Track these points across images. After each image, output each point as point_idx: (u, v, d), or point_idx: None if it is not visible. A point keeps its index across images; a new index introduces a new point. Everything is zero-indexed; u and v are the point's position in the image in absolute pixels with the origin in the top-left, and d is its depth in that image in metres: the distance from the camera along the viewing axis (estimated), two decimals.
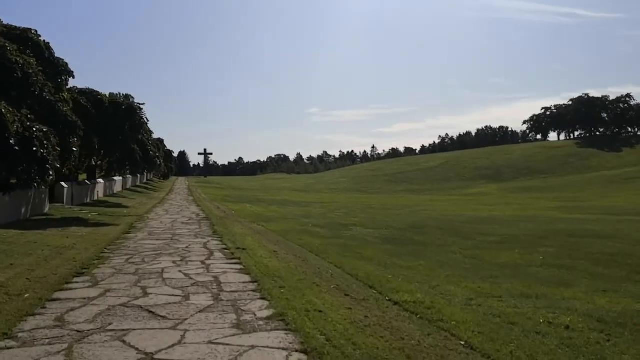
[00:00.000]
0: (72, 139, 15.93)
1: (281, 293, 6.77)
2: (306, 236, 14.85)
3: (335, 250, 11.88)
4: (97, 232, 14.89)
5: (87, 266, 9.06)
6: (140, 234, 14.63)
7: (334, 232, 16.33)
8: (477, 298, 7.00)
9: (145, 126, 21.20)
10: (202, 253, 10.84)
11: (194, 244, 12.36)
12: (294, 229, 16.92)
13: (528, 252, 12.75)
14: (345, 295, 6.84)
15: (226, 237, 13.81)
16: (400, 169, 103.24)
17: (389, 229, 18.09)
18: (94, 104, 19.27)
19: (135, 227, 16.91)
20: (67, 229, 15.35)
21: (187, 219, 20.22)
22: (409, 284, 7.82)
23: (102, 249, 11.33)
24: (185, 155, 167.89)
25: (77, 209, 22.27)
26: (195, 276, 8.13)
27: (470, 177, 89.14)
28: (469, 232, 17.20)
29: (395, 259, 10.93)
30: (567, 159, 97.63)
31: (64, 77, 16.92)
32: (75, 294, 6.85)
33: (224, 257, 10.31)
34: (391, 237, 15.44)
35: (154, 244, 12.30)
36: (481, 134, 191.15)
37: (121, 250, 11.25)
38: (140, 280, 7.74)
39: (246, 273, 8.38)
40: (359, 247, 12.70)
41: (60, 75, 16.53)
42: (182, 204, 31.76)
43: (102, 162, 28.44)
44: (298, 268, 8.97)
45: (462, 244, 14.04)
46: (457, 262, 10.85)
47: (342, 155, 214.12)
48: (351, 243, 13.59)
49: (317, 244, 13.00)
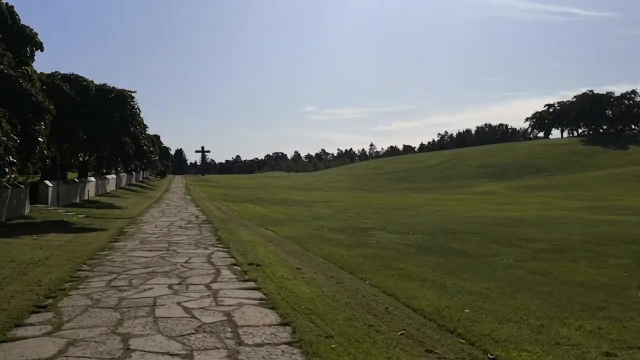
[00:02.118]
0: (39, 125, 13.24)
1: (332, 349, 4.50)
2: (327, 244, 12.56)
3: (371, 265, 9.59)
4: (79, 239, 12.57)
5: (53, 293, 6.77)
6: (130, 243, 12.33)
7: (356, 239, 14.04)
8: (620, 353, 4.74)
9: (137, 117, 18.79)
10: (206, 271, 8.55)
11: (195, 257, 10.06)
12: (309, 235, 14.65)
13: (598, 264, 10.60)
14: (427, 353, 4.56)
15: (233, 246, 11.52)
16: (401, 166, 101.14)
17: (416, 233, 15.85)
18: (78, 92, 16.79)
19: (125, 232, 14.60)
20: (44, 236, 13.02)
21: (185, 222, 17.94)
22: (501, 326, 5.55)
23: (80, 265, 9.03)
24: (182, 153, 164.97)
25: (62, 211, 19.93)
26: (200, 313, 5.83)
27: (474, 175, 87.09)
28: (508, 238, 15.01)
29: (450, 277, 8.66)
30: (572, 156, 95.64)
31: (29, 49, 14.12)
32: (18, 351, 4.55)
33: (235, 277, 8.01)
34: (424, 245, 13.19)
35: (146, 258, 10.00)
36: (481, 131, 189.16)
37: (104, 267, 8.94)
38: (123, 322, 5.44)
39: (270, 307, 6.09)
40: (396, 260, 10.42)
41: (24, 46, 13.75)
42: (179, 203, 29.52)
43: (90, 158, 25.99)
44: (337, 297, 6.68)
45: (513, 254, 11.82)
46: (529, 281, 8.59)
47: (340, 153, 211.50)
48: (383, 253, 11.30)
49: (344, 255, 10.71)
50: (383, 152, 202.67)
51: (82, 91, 16.65)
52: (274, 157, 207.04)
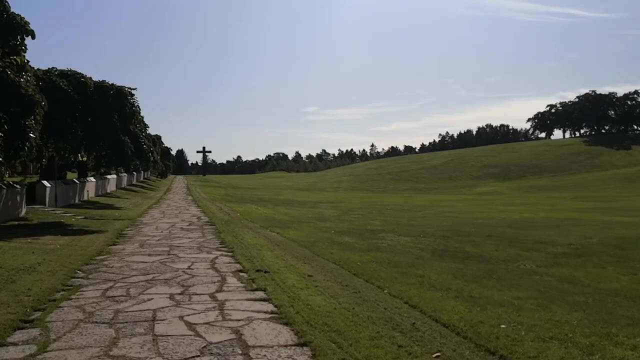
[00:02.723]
0: (29, 120, 12.42)
1: None
2: (336, 248, 11.91)
3: (387, 272, 8.93)
4: (75, 243, 11.91)
5: (42, 305, 6.13)
6: (129, 246, 11.68)
7: (366, 242, 13.38)
8: None
9: (137, 115, 18.04)
10: (210, 279, 7.89)
11: (197, 262, 9.41)
12: (317, 238, 13.99)
13: (628, 270, 9.98)
14: None
15: (238, 250, 10.87)
16: (403, 167, 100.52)
17: (427, 236, 15.20)
18: (76, 88, 16.06)
19: (124, 235, 13.94)
20: (39, 238, 12.37)
21: (187, 224, 17.28)
22: (546, 345, 4.90)
23: (75, 271, 8.38)
24: (183, 154, 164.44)
25: (60, 212, 19.26)
26: (205, 330, 5.18)
27: (478, 176, 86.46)
28: (524, 241, 14.39)
29: (474, 285, 8.00)
30: (576, 157, 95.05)
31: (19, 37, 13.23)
32: None
33: (242, 286, 7.35)
34: (438, 249, 12.54)
35: (145, 263, 9.35)
36: (482, 132, 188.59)
37: (100, 274, 8.29)
38: (118, 341, 4.79)
39: (283, 322, 5.43)
40: (412, 266, 9.77)
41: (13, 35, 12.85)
42: (180, 204, 28.86)
43: (88, 158, 25.20)
44: (356, 310, 6.03)
45: (533, 259, 11.18)
46: (559, 290, 7.93)
47: (341, 153, 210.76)
48: (397, 258, 10.64)
49: (356, 260, 10.06)
50: (384, 153, 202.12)
51: (80, 88, 15.92)
52: (275, 158, 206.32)
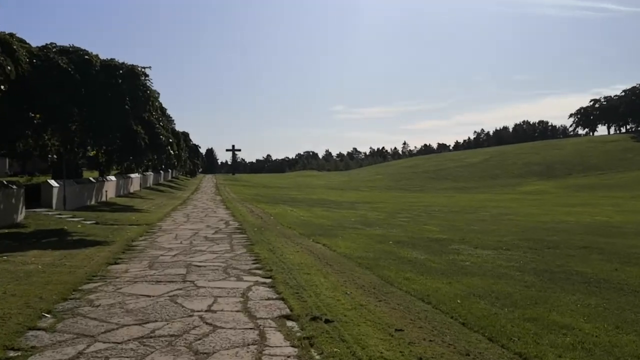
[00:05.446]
0: None
1: None
2: (408, 269, 8.85)
3: (508, 316, 5.82)
4: (65, 261, 9.14)
5: None
6: (134, 266, 8.86)
7: (441, 259, 10.26)
8: None
9: (153, 101, 15.23)
10: (240, 335, 4.94)
11: (223, 298, 6.48)
12: (376, 251, 10.95)
13: None
14: None
15: (279, 274, 7.92)
16: (440, 165, 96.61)
17: (510, 248, 12.04)
18: (79, 67, 13.27)
19: (134, 248, 11.16)
20: (20, 254, 9.63)
21: (212, 231, 14.50)
22: None
23: (40, 316, 5.57)
24: (212, 153, 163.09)
25: (67, 216, 16.66)
26: None
27: (520, 174, 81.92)
28: (635, 254, 11.12)
29: None
30: (624, 153, 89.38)
31: None
32: None
33: (295, 354, 4.39)
34: (539, 268, 9.37)
35: (148, 298, 6.47)
36: (519, 128, 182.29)
37: (75, 321, 5.44)
38: None
39: None
40: (535, 303, 6.60)
41: None
42: (207, 205, 26.25)
43: (98, 152, 22.56)
44: None
45: None
46: None
47: (372, 151, 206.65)
48: (502, 288, 7.49)
49: (449, 294, 6.96)
50: (417, 151, 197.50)
51: (84, 67, 13.14)
52: (305, 156, 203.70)
